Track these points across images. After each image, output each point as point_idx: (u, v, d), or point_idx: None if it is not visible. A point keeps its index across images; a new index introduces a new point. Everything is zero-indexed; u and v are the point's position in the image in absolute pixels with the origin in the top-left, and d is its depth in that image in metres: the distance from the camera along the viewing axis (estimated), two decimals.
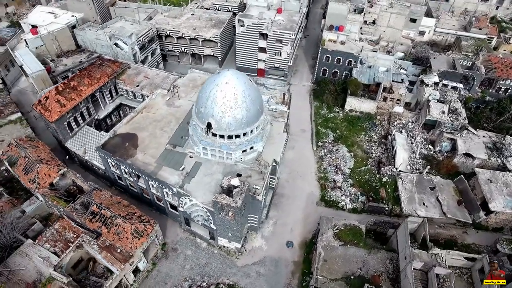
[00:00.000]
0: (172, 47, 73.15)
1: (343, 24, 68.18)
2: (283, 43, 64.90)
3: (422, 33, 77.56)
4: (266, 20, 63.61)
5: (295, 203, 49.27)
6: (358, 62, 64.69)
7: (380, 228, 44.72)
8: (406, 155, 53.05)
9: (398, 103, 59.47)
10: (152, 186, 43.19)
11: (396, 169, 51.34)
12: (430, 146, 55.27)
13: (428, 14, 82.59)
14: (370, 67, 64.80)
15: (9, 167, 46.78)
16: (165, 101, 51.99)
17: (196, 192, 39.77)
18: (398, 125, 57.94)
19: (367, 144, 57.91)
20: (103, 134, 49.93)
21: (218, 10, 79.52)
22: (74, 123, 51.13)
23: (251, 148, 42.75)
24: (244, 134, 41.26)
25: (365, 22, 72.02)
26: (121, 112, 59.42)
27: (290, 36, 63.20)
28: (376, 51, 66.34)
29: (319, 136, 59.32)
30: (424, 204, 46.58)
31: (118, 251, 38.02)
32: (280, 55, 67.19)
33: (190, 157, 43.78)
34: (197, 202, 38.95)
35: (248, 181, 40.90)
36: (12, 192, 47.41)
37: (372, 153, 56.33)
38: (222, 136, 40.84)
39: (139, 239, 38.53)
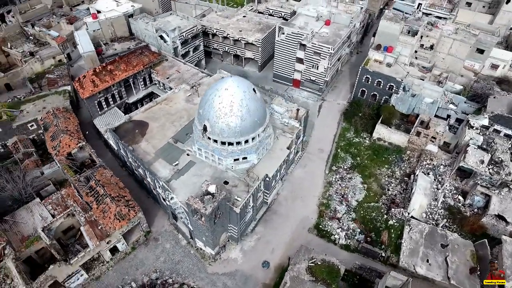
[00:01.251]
0: (217, 46, 75.27)
1: (393, 45, 62.56)
2: (321, 57, 62.12)
3: (494, 67, 67.20)
4: (307, 30, 61.45)
5: (286, 223, 47.02)
6: (401, 88, 58.82)
7: (366, 275, 40.28)
8: (425, 201, 46.74)
9: (432, 141, 52.66)
10: (147, 174, 45.17)
11: (408, 213, 45.62)
12: (460, 197, 47.85)
13: (509, 46, 71.40)
14: (414, 95, 58.37)
15: (43, 131, 53.28)
16: (185, 97, 53.83)
17: (180, 189, 40.49)
18: (426, 166, 51.32)
19: (386, 179, 52.51)
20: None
21: (271, 15, 79.39)
22: (104, 103, 55.97)
23: (244, 158, 41.96)
24: (238, 143, 40.67)
25: (421, 45, 64.97)
26: (152, 99, 63.13)
27: (328, 50, 60.17)
28: (423, 79, 59.49)
29: (336, 160, 55.57)
30: (427, 261, 40.51)
31: (99, 227, 40.67)
32: (317, 68, 64.48)
33: (187, 154, 44.72)
34: (176, 200, 39.64)
35: (233, 190, 40.35)
36: (42, 154, 53.80)
37: (388, 190, 50.94)
38: (215, 141, 40.83)
39: (119, 221, 40.69)
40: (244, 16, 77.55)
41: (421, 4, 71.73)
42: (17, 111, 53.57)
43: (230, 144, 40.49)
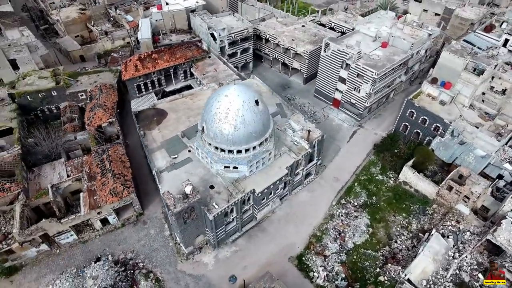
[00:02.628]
0: (267, 51, 75.17)
1: (453, 82, 54.41)
2: (364, 80, 57.30)
3: None
4: (354, 50, 57.17)
5: (269, 244, 44.89)
6: (448, 132, 50.99)
7: None
8: (432, 267, 39.80)
9: (465, 201, 44.46)
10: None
11: (405, 275, 39.46)
12: (480, 276, 39.52)
13: None
14: (462, 143, 50.04)
15: (88, 102, 60.11)
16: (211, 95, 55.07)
17: (167, 182, 41.81)
18: (450, 227, 43.59)
19: (398, 229, 46.26)
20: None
21: (332, 28, 76.02)
22: (143, 87, 60.65)
23: (235, 168, 41.23)
24: (230, 151, 40.18)
25: (491, 88, 54.89)
26: None
27: (372, 74, 55.13)
28: (478, 127, 50.42)
29: (349, 193, 50.89)
30: None
31: (94, 198, 44.46)
32: (358, 92, 59.72)
33: (189, 151, 45.83)
34: (160, 191, 41.03)
35: (215, 196, 40.13)
36: (83, 121, 60.72)
37: (396, 241, 44.82)
38: (210, 144, 41.00)
39: (112, 197, 43.80)
40: (302, 26, 75.79)
41: (508, 40, 60.67)
42: (74, 80, 61.44)
43: (222, 150, 40.21)
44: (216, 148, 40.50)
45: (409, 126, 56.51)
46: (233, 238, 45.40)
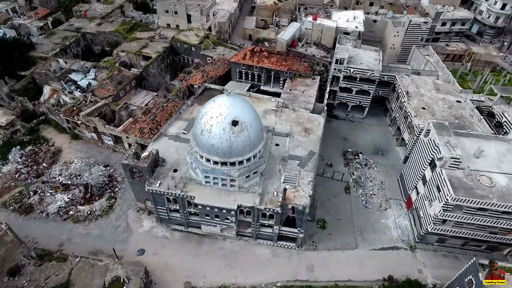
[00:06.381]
0: (393, 106, 62.84)
1: None
2: (439, 195, 40.28)
3: None
4: (454, 153, 40.07)
5: (187, 257, 43.42)
6: None
7: None
8: None
9: None
10: None
11: None
12: None
13: None
14: None
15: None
16: (268, 109, 54.06)
17: (155, 145, 46.11)
18: None
19: None
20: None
21: (498, 125, 54.15)
22: (244, 75, 65.80)
23: (195, 167, 41.34)
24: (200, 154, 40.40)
25: None
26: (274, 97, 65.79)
27: (448, 195, 37.94)
28: None
29: None
30: None
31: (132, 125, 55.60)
32: (430, 205, 42.64)
33: None
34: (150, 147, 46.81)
35: (166, 178, 42.20)
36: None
37: None
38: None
39: (137, 132, 53.46)
40: (457, 101, 57.72)
41: None
42: (212, 47, 73.80)
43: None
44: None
45: None
46: (176, 228, 46.58)
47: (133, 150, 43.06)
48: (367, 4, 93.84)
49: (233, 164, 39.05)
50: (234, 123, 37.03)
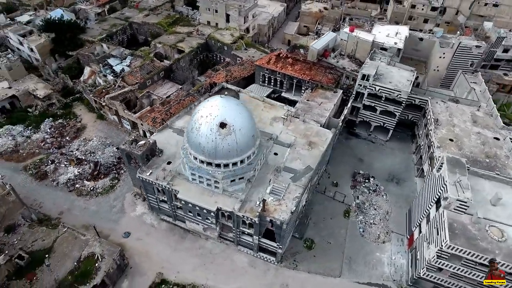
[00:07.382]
0: (420, 133, 57.57)
1: None
2: (436, 239, 35.96)
3: None
4: (463, 198, 35.44)
5: (166, 249, 44.16)
6: None
7: None
8: None
9: None
10: None
11: None
12: None
13: None
14: None
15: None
16: (277, 116, 52.69)
17: (159, 136, 48.21)
18: None
19: None
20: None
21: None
22: (267, 79, 65.04)
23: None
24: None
25: None
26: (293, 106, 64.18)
27: (443, 240, 33.66)
28: None
29: None
30: None
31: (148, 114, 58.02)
32: (428, 247, 38.26)
33: None
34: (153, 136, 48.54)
35: (158, 169, 43.34)
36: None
37: None
38: None
39: (150, 120, 55.77)
40: (495, 138, 51.18)
41: None
42: (244, 47, 74.03)
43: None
44: None
45: None
46: (165, 218, 47.69)
47: (133, 137, 44.83)
48: (421, 21, 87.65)
49: (218, 165, 38.76)
50: (222, 125, 36.71)
